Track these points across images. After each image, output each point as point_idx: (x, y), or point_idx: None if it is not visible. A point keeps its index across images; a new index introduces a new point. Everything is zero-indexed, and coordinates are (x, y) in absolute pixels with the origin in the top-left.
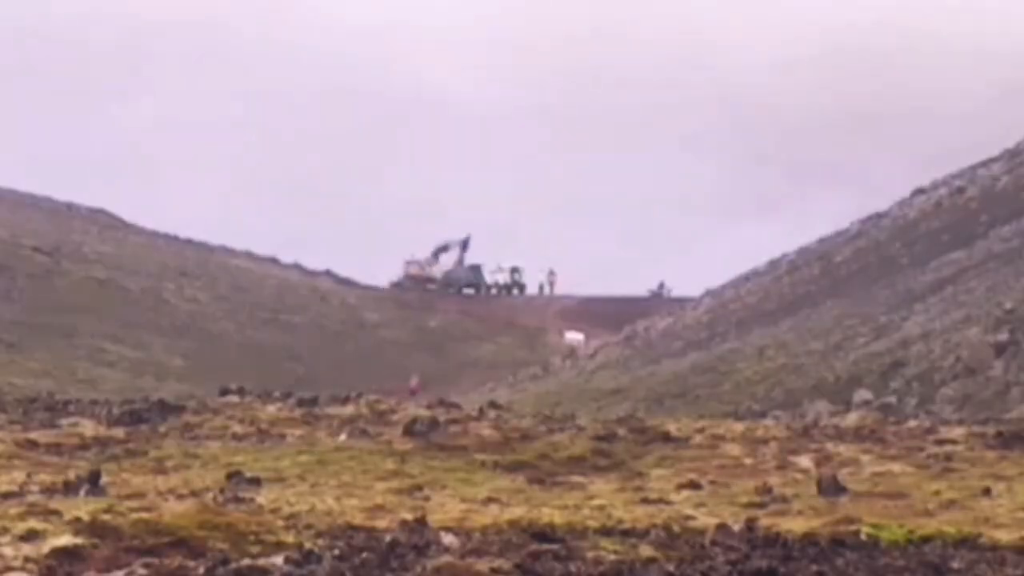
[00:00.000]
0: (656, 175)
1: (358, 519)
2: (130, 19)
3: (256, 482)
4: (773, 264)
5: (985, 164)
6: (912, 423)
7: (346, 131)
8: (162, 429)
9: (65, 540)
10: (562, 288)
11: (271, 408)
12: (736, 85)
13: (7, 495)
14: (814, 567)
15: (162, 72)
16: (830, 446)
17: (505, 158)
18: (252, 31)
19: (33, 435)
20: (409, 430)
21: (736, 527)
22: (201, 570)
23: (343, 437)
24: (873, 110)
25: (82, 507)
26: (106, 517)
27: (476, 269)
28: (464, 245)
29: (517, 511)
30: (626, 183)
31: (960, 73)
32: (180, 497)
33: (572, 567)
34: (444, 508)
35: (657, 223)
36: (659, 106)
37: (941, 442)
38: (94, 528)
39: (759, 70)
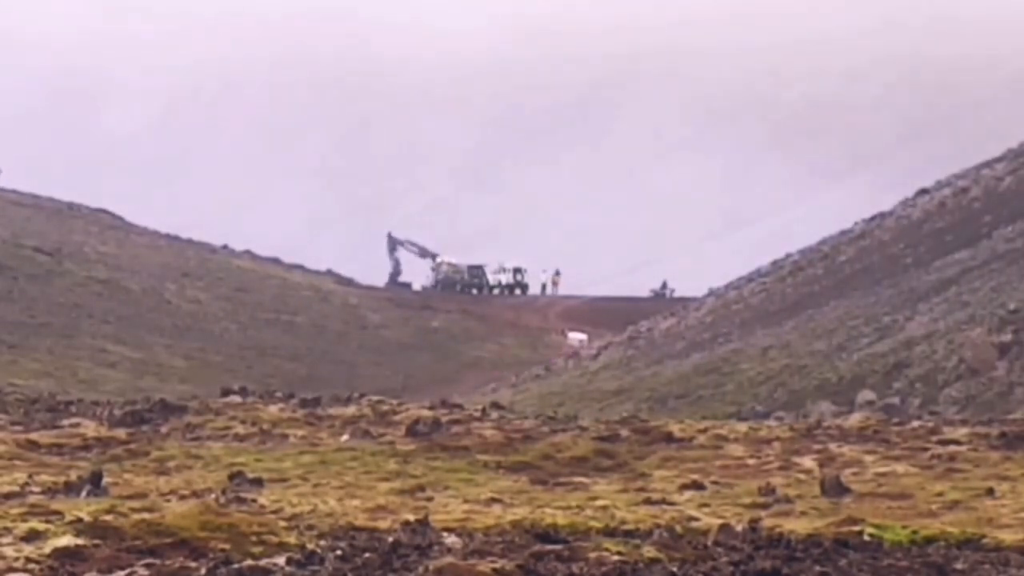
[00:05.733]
0: (658, 175)
1: (360, 520)
2: (131, 18)
3: (258, 483)
4: (776, 264)
5: (989, 164)
6: (915, 424)
7: (348, 129)
8: (164, 430)
9: (67, 540)
10: (565, 288)
11: (273, 409)
12: (738, 85)
13: (9, 495)
14: (817, 568)
15: (167, 72)
16: (833, 447)
17: (506, 158)
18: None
19: (34, 436)
20: (411, 430)
21: (739, 528)
22: (203, 571)
23: (345, 437)
24: (875, 109)
25: (84, 508)
26: (108, 518)
27: (479, 269)
28: (392, 246)
29: (520, 512)
30: (628, 184)
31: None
32: (182, 498)
33: (575, 568)
34: (447, 509)
35: (660, 223)
36: (661, 105)
37: (945, 443)
38: (96, 529)
39: (763, 70)
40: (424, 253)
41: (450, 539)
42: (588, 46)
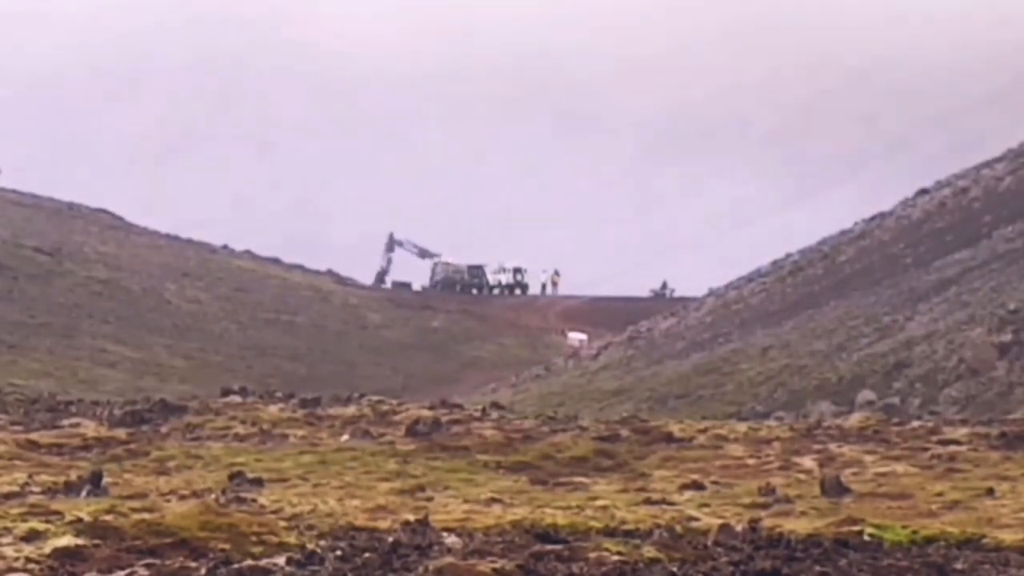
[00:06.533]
0: (658, 175)
1: (360, 520)
2: (133, 19)
3: (258, 483)
4: (776, 264)
5: (988, 164)
6: (915, 424)
7: (348, 129)
8: (164, 430)
9: (67, 540)
10: (565, 288)
11: (273, 408)
12: (739, 87)
13: (9, 495)
14: (817, 568)
15: (164, 73)
16: (833, 447)
17: (506, 158)
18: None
19: (34, 436)
20: (411, 430)
21: (739, 528)
22: (203, 571)
23: (345, 437)
24: (875, 109)
25: (84, 508)
26: (108, 518)
27: (479, 269)
28: (389, 246)
29: (520, 512)
30: (628, 184)
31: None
32: (182, 498)
33: (575, 568)
34: (446, 509)
35: (660, 223)
36: (661, 105)
37: (944, 443)
38: (96, 529)
39: (763, 69)
40: (424, 254)
41: (450, 539)
42: (588, 46)
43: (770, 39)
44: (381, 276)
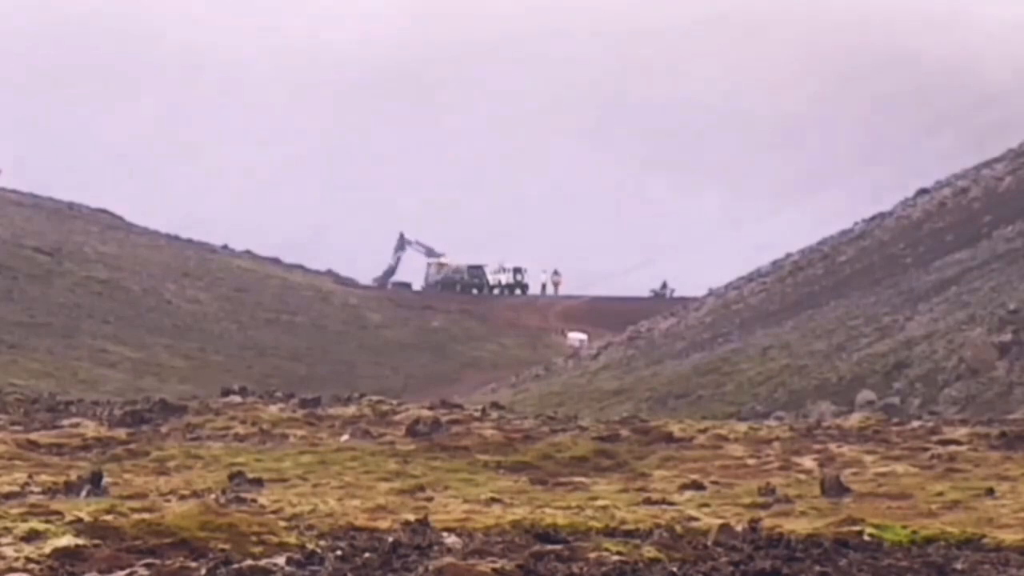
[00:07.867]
0: (658, 175)
1: (360, 520)
2: (133, 18)
3: (258, 483)
4: (776, 264)
5: (988, 164)
6: (915, 424)
7: (349, 128)
8: (164, 430)
9: (66, 541)
10: (565, 288)
11: (273, 408)
12: (738, 87)
13: (9, 495)
14: (817, 568)
15: (163, 72)
16: (833, 447)
17: (506, 158)
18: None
19: (34, 436)
20: (411, 430)
21: (739, 528)
22: (203, 571)
23: (345, 437)
24: (876, 108)
25: (84, 508)
26: (108, 518)
27: (479, 269)
28: (400, 245)
29: (520, 512)
30: (628, 183)
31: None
32: (182, 498)
33: (575, 568)
34: (446, 509)
35: (660, 223)
36: (661, 104)
37: (944, 443)
38: (96, 529)
39: (763, 69)
40: (431, 253)
41: (450, 539)
42: (590, 47)
43: (769, 38)
44: (389, 274)
